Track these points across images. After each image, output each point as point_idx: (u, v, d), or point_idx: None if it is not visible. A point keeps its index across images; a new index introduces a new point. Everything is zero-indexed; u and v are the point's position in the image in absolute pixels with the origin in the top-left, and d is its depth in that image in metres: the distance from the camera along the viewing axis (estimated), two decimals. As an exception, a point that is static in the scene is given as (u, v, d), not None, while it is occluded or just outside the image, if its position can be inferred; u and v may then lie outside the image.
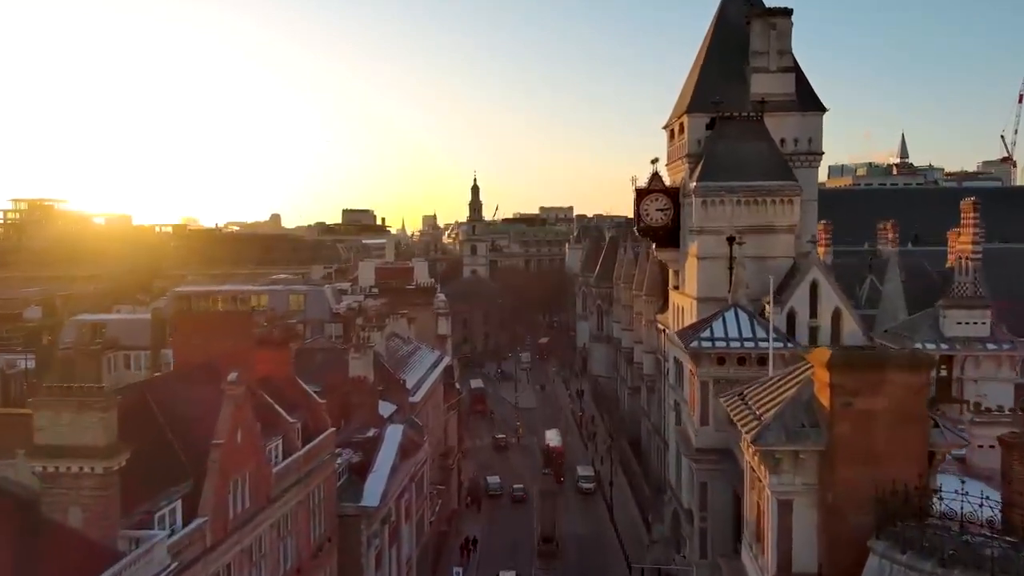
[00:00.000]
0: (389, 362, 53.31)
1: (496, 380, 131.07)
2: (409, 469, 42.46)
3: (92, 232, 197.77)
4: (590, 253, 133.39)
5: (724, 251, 47.36)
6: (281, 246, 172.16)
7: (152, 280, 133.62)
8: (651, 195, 52.32)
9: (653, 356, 74.39)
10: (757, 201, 47.16)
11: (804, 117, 49.69)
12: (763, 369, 34.90)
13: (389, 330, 62.25)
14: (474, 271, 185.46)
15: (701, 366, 35.19)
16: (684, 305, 51.59)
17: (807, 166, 49.71)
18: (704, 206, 47.38)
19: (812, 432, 18.84)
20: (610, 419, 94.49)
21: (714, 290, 47.52)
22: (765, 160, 47.87)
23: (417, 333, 68.86)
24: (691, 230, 49.09)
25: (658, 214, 52.42)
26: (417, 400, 50.10)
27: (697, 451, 35.62)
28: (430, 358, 61.72)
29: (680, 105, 52.37)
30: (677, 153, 52.78)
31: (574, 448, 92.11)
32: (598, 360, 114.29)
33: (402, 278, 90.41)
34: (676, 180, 53.50)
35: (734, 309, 36.52)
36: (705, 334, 35.28)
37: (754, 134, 48.51)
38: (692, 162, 49.75)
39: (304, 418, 32.07)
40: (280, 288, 74.45)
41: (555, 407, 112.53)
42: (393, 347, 57.73)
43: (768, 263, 47.04)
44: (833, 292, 44.43)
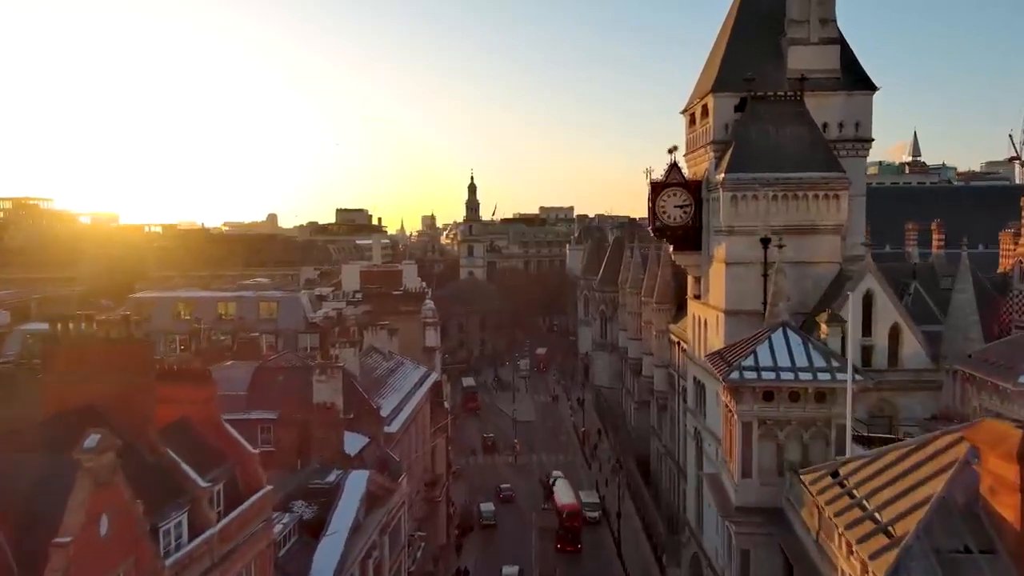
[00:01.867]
0: (364, 383, 45.79)
1: (493, 389, 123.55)
2: (379, 520, 34.98)
3: (75, 232, 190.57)
4: (592, 255, 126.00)
5: (757, 255, 39.96)
6: (271, 247, 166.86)
7: (134, 282, 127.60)
8: (669, 189, 44.87)
9: (665, 371, 66.92)
10: (797, 196, 39.72)
11: (851, 97, 42.23)
12: (821, 407, 27.53)
13: (368, 343, 54.79)
14: (471, 273, 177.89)
15: (742, 403, 27.71)
16: (707, 318, 44.11)
17: (854, 155, 42.26)
18: (734, 202, 39.94)
19: (985, 562, 11.37)
20: (615, 436, 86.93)
21: (745, 302, 40.14)
22: (806, 147, 40.42)
23: (403, 345, 61.36)
24: (717, 230, 41.63)
25: (677, 211, 44.97)
26: (394, 430, 42.62)
27: (737, 510, 28.13)
28: (414, 375, 54.20)
29: (703, 84, 44.88)
30: (699, 140, 45.31)
31: (576, 467, 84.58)
32: (601, 369, 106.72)
33: (389, 282, 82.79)
34: (698, 172, 46.04)
35: (782, 330, 29.05)
36: (748, 362, 27.81)
37: (792, 117, 41.06)
38: (718, 150, 42.31)
39: (231, 474, 24.59)
40: (250, 295, 66.90)
41: (555, 419, 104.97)
42: (370, 364, 50.21)
43: (809, 270, 39.75)
44: (891, 305, 36.98)
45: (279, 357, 51.03)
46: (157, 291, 70.06)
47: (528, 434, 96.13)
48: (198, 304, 65.98)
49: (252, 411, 43.19)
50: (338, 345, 45.59)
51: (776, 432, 27.72)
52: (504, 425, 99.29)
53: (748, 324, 39.76)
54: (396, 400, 46.70)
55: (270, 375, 45.52)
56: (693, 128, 46.94)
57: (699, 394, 46.66)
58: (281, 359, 51.02)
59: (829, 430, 27.47)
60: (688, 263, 46.70)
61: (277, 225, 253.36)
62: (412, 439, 49.99)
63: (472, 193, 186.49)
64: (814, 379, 27.27)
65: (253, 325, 64.27)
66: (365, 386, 45.27)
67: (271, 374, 45.64)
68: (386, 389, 47.52)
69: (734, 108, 42.11)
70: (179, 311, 65.66)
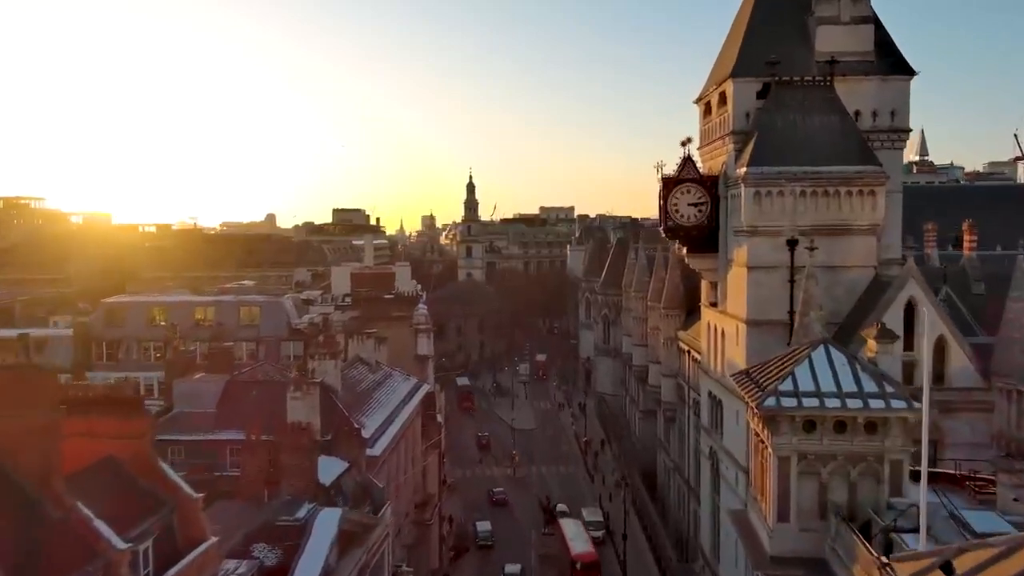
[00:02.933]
0: (346, 399, 41.54)
1: (491, 395, 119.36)
2: (357, 560, 30.74)
3: (66, 231, 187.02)
4: (594, 256, 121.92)
5: (783, 258, 35.77)
6: (265, 248, 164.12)
7: (125, 283, 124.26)
8: (682, 186, 40.65)
9: (673, 381, 62.70)
10: (828, 192, 35.52)
11: (886, 83, 38.00)
12: (872, 439, 23.28)
13: (353, 353, 50.55)
14: (469, 274, 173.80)
15: (779, 434, 23.47)
16: (725, 328, 39.87)
17: (889, 147, 38.04)
18: (757, 198, 35.73)
19: None
20: (619, 447, 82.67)
21: (769, 311, 35.94)
22: (837, 137, 36.22)
23: (394, 353, 57.10)
24: (737, 230, 37.42)
25: (690, 210, 40.74)
26: (377, 453, 38.38)
27: (772, 560, 23.87)
28: (404, 388, 49.97)
29: (721, 68, 40.64)
30: (716, 131, 41.09)
31: (577, 480, 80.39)
32: (604, 375, 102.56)
33: (381, 285, 78.44)
34: (713, 167, 41.82)
35: (824, 348, 24.77)
36: (786, 386, 23.55)
37: (822, 104, 36.86)
38: (738, 142, 38.10)
39: (165, 526, 20.34)
40: (230, 299, 62.67)
41: (556, 428, 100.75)
42: (354, 377, 45.96)
43: (841, 275, 35.58)
44: (937, 315, 32.73)
45: (255, 369, 46.91)
46: (130, 295, 65.83)
47: (528, 443, 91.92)
48: (174, 309, 61.77)
49: (221, 431, 39.15)
50: (317, 357, 41.33)
51: (819, 468, 23.50)
52: (503, 433, 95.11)
53: (773, 336, 35.66)
54: (382, 417, 42.45)
55: (243, 390, 41.44)
56: (708, 118, 42.72)
57: (715, 411, 42.46)
58: (258, 370, 46.91)
59: (882, 467, 23.24)
60: (703, 267, 42.48)
61: (275, 225, 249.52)
62: (401, 458, 45.77)
63: (471, 192, 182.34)
64: (865, 407, 23.01)
65: (233, 332, 60.14)
66: (347, 402, 41.02)
67: (244, 388, 41.57)
68: (371, 405, 43.27)
69: (756, 95, 37.91)
70: (154, 317, 61.49)
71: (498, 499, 73.34)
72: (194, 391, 40.53)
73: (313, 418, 36.75)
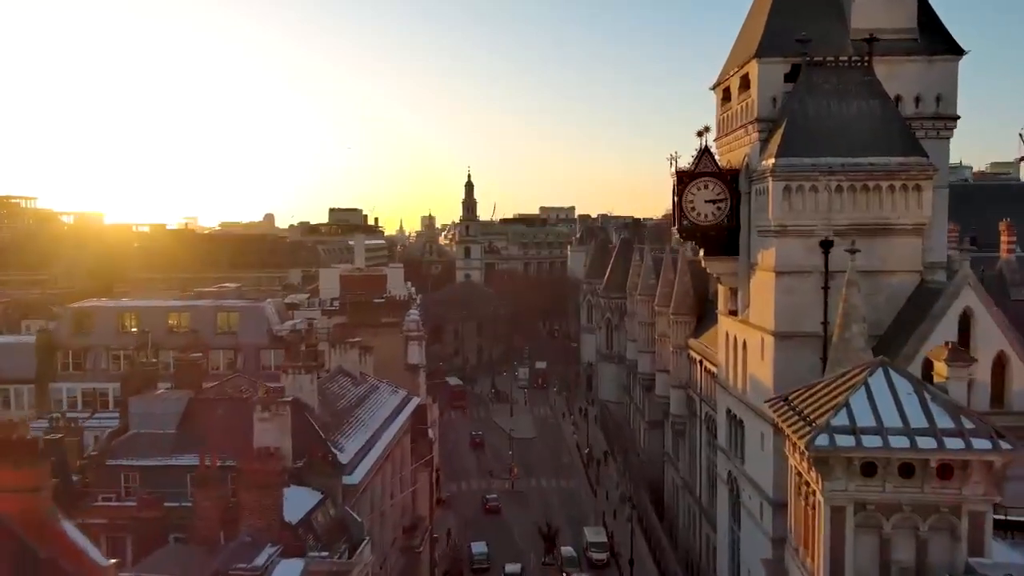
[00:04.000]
0: (324, 418, 37.29)
1: (490, 401, 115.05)
2: (326, 613, 26.51)
3: (56, 231, 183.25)
4: (596, 257, 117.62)
5: (815, 262, 31.49)
6: (258, 248, 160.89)
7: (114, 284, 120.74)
8: (699, 180, 36.33)
9: (683, 392, 58.42)
10: (867, 187, 31.21)
11: (931, 64, 33.65)
12: (947, 487, 18.96)
13: (336, 363, 46.29)
14: (468, 275, 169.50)
15: (832, 479, 19.15)
16: (747, 339, 35.54)
17: (935, 136, 33.66)
18: (786, 194, 31.43)
19: None
20: (623, 460, 78.28)
21: (800, 322, 31.66)
22: (878, 124, 31.92)
23: (382, 362, 52.84)
24: (763, 230, 33.11)
25: (708, 207, 36.41)
26: (356, 481, 34.03)
27: (823, 632, 19.52)
28: (391, 402, 45.68)
29: (743, 48, 36.29)
30: (737, 120, 36.77)
31: (579, 495, 76.05)
32: (607, 382, 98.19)
33: (372, 288, 74.29)
34: (733, 160, 37.51)
35: (883, 372, 20.43)
36: (840, 420, 19.23)
37: (859, 87, 32.54)
38: (764, 130, 33.80)
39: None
40: (206, 304, 58.37)
41: (556, 437, 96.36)
42: (335, 392, 41.67)
43: (882, 280, 31.31)
44: (997, 327, 28.45)
45: (225, 383, 42.58)
46: (98, 300, 61.39)
47: (527, 454, 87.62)
48: (146, 315, 57.45)
49: (181, 455, 34.87)
50: (292, 372, 37.03)
51: (880, 521, 19.19)
52: (500, 444, 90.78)
53: (804, 351, 31.43)
54: (363, 438, 38.12)
55: (208, 408, 37.17)
56: (727, 106, 38.40)
57: (735, 432, 38.15)
58: (228, 385, 42.60)
59: (959, 520, 18.93)
60: (722, 271, 38.15)
61: (274, 225, 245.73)
62: (386, 482, 41.50)
63: (469, 192, 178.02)
64: (939, 447, 18.69)
65: (209, 339, 55.99)
66: (324, 422, 36.75)
67: (209, 407, 37.29)
68: (352, 424, 38.95)
69: (784, 77, 33.60)
70: (125, 322, 57.17)
71: (491, 506, 70.97)
72: (153, 409, 36.25)
73: (283, 442, 32.60)
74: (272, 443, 31.80)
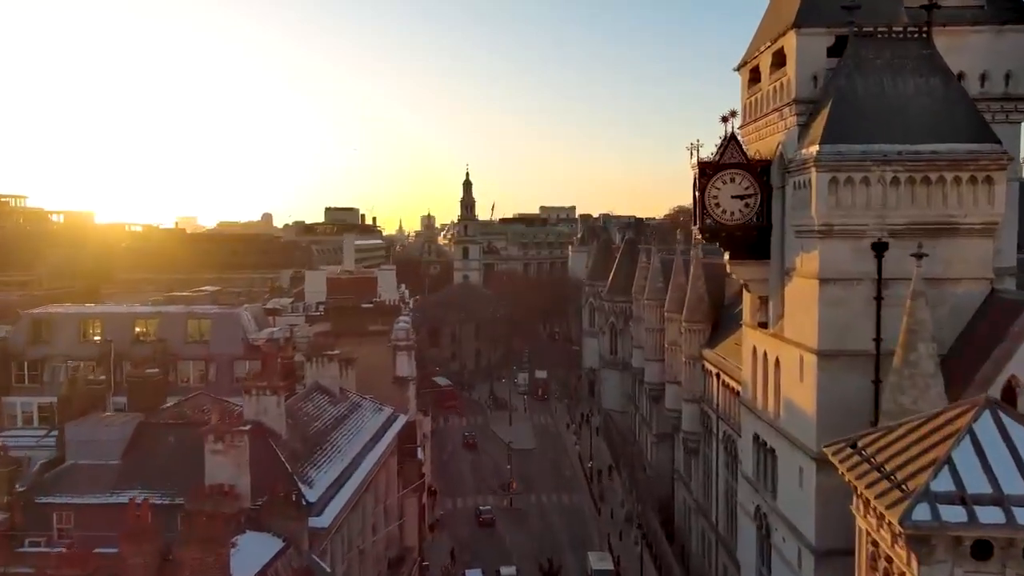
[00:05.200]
0: (293, 443, 32.46)
1: (488, 408, 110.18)
2: None
3: (41, 230, 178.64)
4: (599, 258, 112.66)
5: (867, 268, 26.68)
6: (250, 248, 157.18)
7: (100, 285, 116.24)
8: (725, 173, 31.49)
9: (697, 407, 53.61)
10: (929, 179, 26.38)
11: (1000, 35, 28.84)
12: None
13: (312, 379, 41.44)
14: (466, 276, 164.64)
15: (932, 562, 14.35)
16: (782, 358, 30.69)
17: (1003, 120, 28.87)
18: (833, 187, 26.61)
19: None
20: (630, 476, 73.37)
21: (848, 338, 26.84)
22: (940, 106, 27.09)
23: (368, 374, 48.10)
24: (802, 230, 28.27)
25: (735, 204, 31.57)
26: (326, 524, 29.14)
27: None
28: (374, 422, 40.85)
29: (776, 20, 31.42)
30: (768, 103, 31.91)
31: (583, 513, 71.21)
32: (611, 389, 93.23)
33: (361, 291, 69.56)
34: (763, 150, 32.64)
35: (990, 414, 15.64)
36: (942, 485, 14.44)
37: (918, 62, 27.72)
38: (803, 114, 28.97)
39: None
40: (176, 310, 53.48)
41: (557, 448, 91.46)
42: (309, 413, 36.82)
43: (946, 289, 26.50)
44: (1095, 349, 23.63)
45: (185, 402, 37.76)
46: (59, 306, 56.49)
47: (527, 466, 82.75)
48: (111, 322, 52.56)
49: (123, 490, 30.04)
50: (255, 392, 32.17)
51: (996, 619, 14.34)
52: (498, 453, 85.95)
53: (853, 373, 26.63)
54: (339, 468, 33.23)
55: (158, 435, 32.33)
56: (756, 88, 33.53)
57: (764, 461, 33.30)
58: (190, 404, 37.81)
59: (1103, 619, 14.11)
60: (750, 277, 33.28)
61: (271, 225, 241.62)
62: (366, 514, 36.66)
63: (467, 190, 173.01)
64: (1081, 521, 13.89)
65: (178, 349, 51.14)
66: (293, 451, 31.90)
67: (160, 433, 32.45)
68: (326, 452, 34.07)
69: (827, 51, 28.77)
70: (87, 330, 52.30)
71: (485, 519, 67.62)
72: (94, 435, 31.40)
73: (240, 479, 27.78)
74: (226, 479, 27.02)
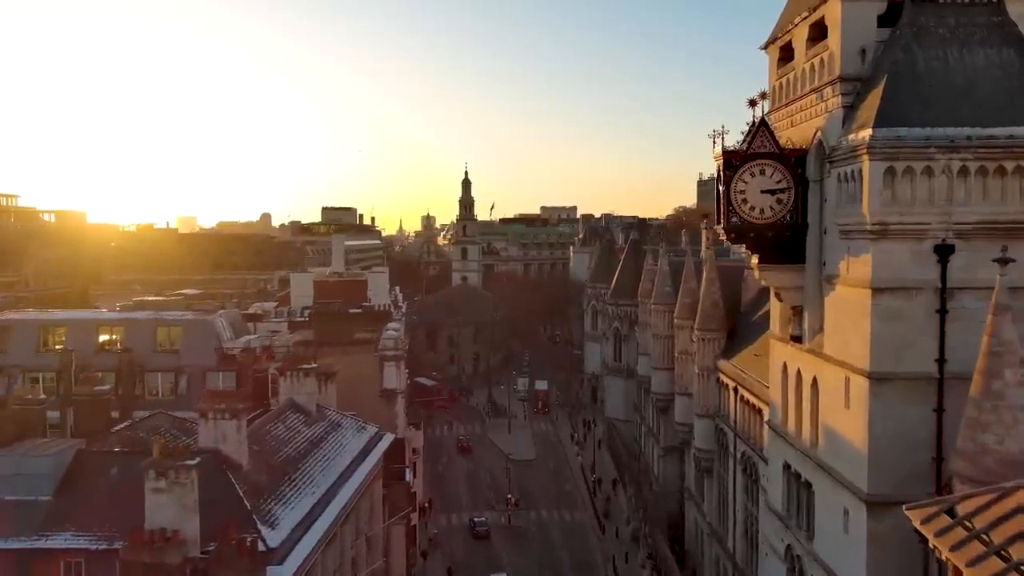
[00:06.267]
0: (257, 475, 28.22)
1: (486, 415, 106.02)
2: None
3: (30, 229, 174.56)
4: (601, 259, 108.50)
5: (929, 275, 22.38)
6: (244, 248, 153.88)
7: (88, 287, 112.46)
8: (754, 163, 27.21)
9: (710, 422, 49.35)
10: (1004, 169, 22.11)
11: (1082, 0, 24.53)
12: None
13: (286, 395, 37.19)
14: (464, 278, 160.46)
15: None
16: (822, 378, 26.38)
17: (1086, 100, 24.51)
18: (889, 178, 22.32)
19: None
20: (636, 492, 69.12)
21: (906, 358, 22.56)
22: (1016, 83, 22.81)
23: (354, 387, 43.98)
24: (850, 229, 23.98)
25: (766, 199, 27.29)
26: (289, 573, 24.84)
27: None
28: (355, 443, 36.63)
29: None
30: (804, 83, 27.60)
31: (586, 531, 67.00)
32: (614, 397, 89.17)
33: (351, 295, 65.22)
34: (797, 138, 28.27)
35: None
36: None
37: (989, 31, 23.47)
38: (849, 93, 24.66)
39: None
40: (144, 316, 49.19)
41: (558, 458, 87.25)
42: (279, 437, 32.56)
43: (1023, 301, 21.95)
44: None
45: (138, 425, 33.51)
46: (13, 312, 52.23)
47: (526, 478, 78.65)
48: (74, 329, 48.32)
49: (53, 533, 25.81)
50: (211, 416, 27.89)
51: None
52: (496, 464, 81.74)
53: (911, 399, 22.39)
54: (309, 503, 28.95)
55: (99, 464, 28.09)
56: (787, 68, 29.22)
57: (798, 496, 29.00)
58: (144, 426, 33.57)
59: None
60: (782, 284, 28.94)
61: (270, 225, 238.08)
62: (344, 551, 32.40)
63: (466, 189, 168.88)
64: None
65: (146, 359, 46.88)
66: (255, 485, 27.65)
67: (101, 462, 28.21)
68: (296, 483, 29.79)
69: (877, 20, 24.47)
70: (47, 339, 48.06)
71: (480, 532, 64.60)
72: (23, 468, 27.11)
73: (186, 522, 23.53)
74: (170, 523, 22.85)
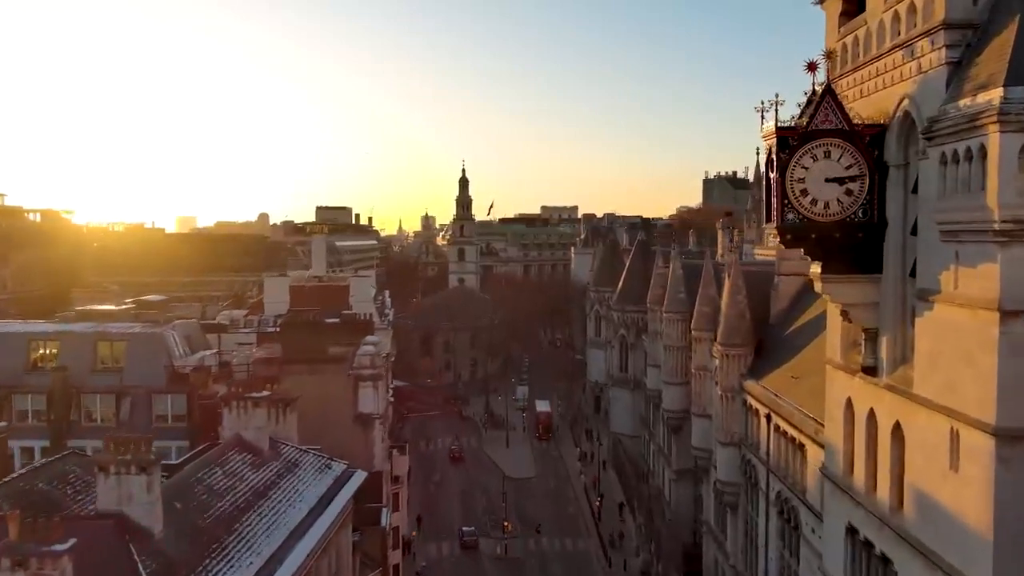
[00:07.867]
0: (176, 543, 21.85)
1: (483, 426, 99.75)
2: None
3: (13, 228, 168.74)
4: (605, 261, 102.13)
5: (1079, 293, 15.94)
6: (234, 249, 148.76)
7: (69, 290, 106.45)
8: (816, 144, 20.89)
9: (736, 452, 42.88)
10: None
11: None
12: None
13: (232, 429, 30.78)
14: (461, 280, 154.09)
15: None
16: (912, 427, 19.93)
17: None
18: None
19: None
20: (646, 519, 62.71)
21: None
22: None
23: (326, 411, 37.75)
24: (961, 229, 17.55)
25: (831, 190, 20.93)
26: None
27: None
28: (318, 487, 30.23)
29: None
30: (883, 38, 21.16)
31: (590, 564, 60.67)
32: (620, 410, 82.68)
33: (330, 302, 58.63)
34: (868, 112, 21.83)
35: None
36: None
37: None
38: (955, 45, 18.28)
39: None
40: (83, 329, 42.80)
41: (559, 476, 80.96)
42: (214, 487, 26.14)
43: None
44: None
45: (38, 471, 27.11)
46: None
47: (525, 499, 72.40)
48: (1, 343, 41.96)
49: None
50: (114, 470, 21.52)
51: None
52: (492, 482, 75.44)
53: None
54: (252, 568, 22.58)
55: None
56: (854, 22, 22.75)
57: (868, 566, 22.52)
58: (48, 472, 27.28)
59: None
60: (853, 299, 22.40)
61: (267, 224, 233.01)
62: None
63: (464, 188, 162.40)
64: None
65: (84, 378, 40.55)
66: (169, 560, 21.24)
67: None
68: (229, 551, 23.31)
69: (993, -52, 18.12)
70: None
71: (468, 542, 63.01)
72: None
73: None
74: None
